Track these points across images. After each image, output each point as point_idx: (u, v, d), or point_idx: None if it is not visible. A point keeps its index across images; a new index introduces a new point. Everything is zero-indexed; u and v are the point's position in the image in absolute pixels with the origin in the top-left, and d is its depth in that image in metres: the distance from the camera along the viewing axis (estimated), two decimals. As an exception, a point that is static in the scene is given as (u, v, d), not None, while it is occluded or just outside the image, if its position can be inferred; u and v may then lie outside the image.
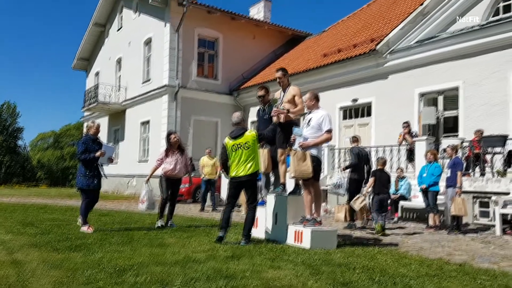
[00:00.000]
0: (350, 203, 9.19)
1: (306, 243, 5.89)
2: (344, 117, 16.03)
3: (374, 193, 8.84)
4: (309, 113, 6.44)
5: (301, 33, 23.63)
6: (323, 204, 11.85)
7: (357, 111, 15.64)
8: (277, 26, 23.07)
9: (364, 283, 4.06)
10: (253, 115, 20.46)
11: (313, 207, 6.26)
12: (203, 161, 13.53)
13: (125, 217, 10.08)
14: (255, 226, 7.03)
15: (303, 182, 6.26)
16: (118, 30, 25.15)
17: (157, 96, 20.32)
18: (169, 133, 8.46)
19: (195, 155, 17.54)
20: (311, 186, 6.17)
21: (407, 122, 12.30)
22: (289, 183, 6.90)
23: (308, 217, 6.17)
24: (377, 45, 14.18)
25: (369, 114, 15.09)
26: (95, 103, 23.57)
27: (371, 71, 14.83)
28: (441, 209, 9.71)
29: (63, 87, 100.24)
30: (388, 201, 9.38)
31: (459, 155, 9.88)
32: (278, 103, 6.74)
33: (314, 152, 6.13)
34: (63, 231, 7.14)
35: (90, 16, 27.16)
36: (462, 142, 11.06)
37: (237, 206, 14.64)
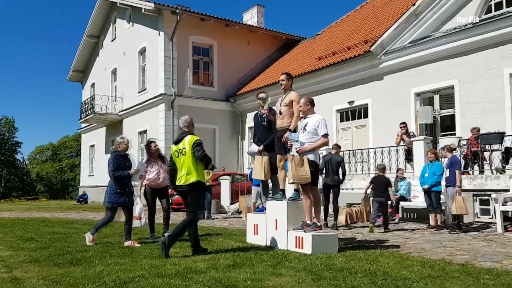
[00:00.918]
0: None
1: (307, 248, 5.86)
2: (341, 120, 16.04)
3: (374, 196, 9.33)
4: (304, 118, 6.44)
5: (295, 37, 23.72)
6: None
7: (354, 113, 15.66)
8: (270, 31, 23.15)
9: (366, 287, 4.03)
10: (250, 120, 20.48)
11: (313, 211, 6.24)
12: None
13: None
14: (255, 232, 7.02)
15: (302, 187, 6.25)
16: (112, 40, 25.19)
17: (153, 105, 20.32)
18: (149, 142, 8.18)
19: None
20: (310, 191, 6.15)
21: (404, 123, 12.31)
22: (287, 188, 6.88)
23: (308, 222, 6.15)
24: (371, 46, 14.23)
25: (366, 116, 15.11)
26: (92, 114, 23.58)
27: (366, 73, 14.86)
28: (442, 208, 9.69)
29: (59, 99, 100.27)
30: (389, 203, 9.65)
31: (456, 153, 9.87)
32: (268, 100, 6.81)
33: (311, 157, 6.12)
34: (63, 245, 7.10)
35: (84, 28, 27.18)
36: (459, 140, 11.06)
37: (238, 212, 14.76)
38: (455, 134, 12.29)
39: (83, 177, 30.11)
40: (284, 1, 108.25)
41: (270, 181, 7.32)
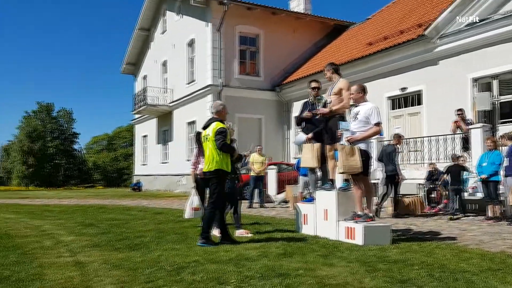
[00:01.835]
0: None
1: (359, 239, 5.78)
2: (393, 107, 15.56)
3: (451, 185, 9.84)
4: (356, 106, 6.30)
5: (344, 22, 23.17)
6: (374, 198, 11.64)
7: (406, 100, 15.13)
8: (318, 17, 22.77)
9: (423, 280, 3.93)
10: (296, 110, 20.21)
11: (365, 202, 6.13)
12: (253, 158, 13.62)
13: (178, 215, 10.34)
14: (304, 222, 7.02)
15: (352, 177, 6.15)
16: (162, 33, 25.80)
17: (201, 96, 20.69)
18: (198, 133, 8.17)
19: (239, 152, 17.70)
20: (361, 181, 6.05)
21: (461, 109, 11.76)
22: (337, 178, 6.80)
23: (359, 213, 6.06)
24: (425, 30, 13.64)
25: (419, 103, 14.56)
26: (144, 106, 24.39)
27: (419, 58, 14.29)
28: (500, 199, 9.23)
29: (113, 92, 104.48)
30: (461, 193, 9.90)
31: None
32: (322, 100, 6.69)
33: (362, 146, 6.00)
34: (121, 230, 7.46)
35: (135, 21, 28.03)
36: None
37: (284, 202, 14.80)
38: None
39: (136, 166, 31.33)
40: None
41: (319, 170, 7.26)
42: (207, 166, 5.93)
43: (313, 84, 7.03)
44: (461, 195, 9.81)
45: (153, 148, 27.34)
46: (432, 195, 11.05)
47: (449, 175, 9.99)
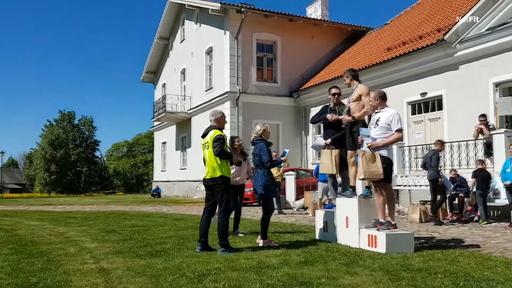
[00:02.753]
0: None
1: (381, 247, 5.72)
2: (413, 112, 15.38)
3: (477, 189, 9.75)
4: (376, 112, 6.25)
5: (362, 28, 23.07)
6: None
7: (427, 105, 14.94)
8: (335, 23, 22.72)
9: (447, 289, 3.88)
10: (316, 115, 20.25)
11: (387, 209, 6.07)
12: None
13: (197, 221, 10.36)
14: (324, 229, 6.98)
15: (374, 184, 6.09)
16: (181, 42, 26.14)
17: (219, 103, 20.83)
18: (233, 138, 8.17)
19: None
20: (382, 188, 6.00)
21: (484, 115, 11.53)
22: (358, 185, 6.75)
23: (381, 220, 6.00)
24: (445, 34, 13.47)
25: (440, 108, 14.36)
26: (164, 113, 24.70)
27: (439, 63, 14.11)
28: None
29: (133, 100, 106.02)
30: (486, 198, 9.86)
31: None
32: (345, 108, 6.63)
33: (384, 152, 5.95)
34: (143, 237, 7.55)
35: (154, 31, 28.49)
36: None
37: (303, 208, 14.73)
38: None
39: (156, 172, 31.67)
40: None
41: (339, 177, 7.22)
42: (210, 173, 6.02)
43: (334, 91, 6.99)
44: (486, 200, 9.68)
45: (172, 154, 27.61)
46: (454, 202, 10.87)
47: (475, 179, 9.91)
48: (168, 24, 27.29)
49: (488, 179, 9.79)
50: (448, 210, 10.75)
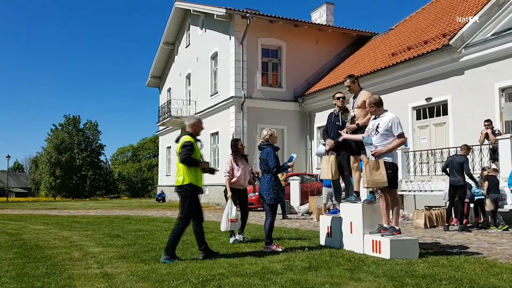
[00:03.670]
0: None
1: (386, 253, 5.69)
2: (418, 117, 15.34)
3: (489, 194, 9.74)
4: (374, 118, 6.17)
5: (367, 33, 23.07)
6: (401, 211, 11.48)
7: (432, 110, 14.89)
8: (340, 29, 22.74)
9: (452, 296, 3.85)
10: (319, 120, 20.27)
11: (391, 215, 6.03)
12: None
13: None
14: (329, 235, 6.96)
15: (379, 189, 6.06)
16: (187, 47, 26.26)
17: (224, 108, 20.89)
18: (236, 140, 7.94)
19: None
20: (387, 193, 5.97)
21: (489, 120, 11.48)
22: (362, 190, 6.73)
23: (385, 225, 5.97)
24: (450, 39, 13.45)
25: (445, 113, 14.30)
26: (169, 118, 24.78)
27: (445, 68, 14.08)
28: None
29: (138, 104, 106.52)
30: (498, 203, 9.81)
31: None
32: (350, 114, 6.58)
33: (388, 159, 5.89)
34: (147, 242, 7.55)
35: (160, 36, 28.66)
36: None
37: (308, 213, 14.70)
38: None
39: (160, 176, 31.72)
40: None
41: (342, 182, 7.21)
42: (180, 181, 5.79)
43: (338, 95, 7.00)
44: (497, 205, 9.67)
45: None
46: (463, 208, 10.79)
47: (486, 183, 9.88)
48: (174, 29, 27.44)
49: (498, 185, 9.81)
50: (453, 215, 10.67)
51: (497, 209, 9.69)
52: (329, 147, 6.78)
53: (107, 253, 6.43)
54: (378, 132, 5.94)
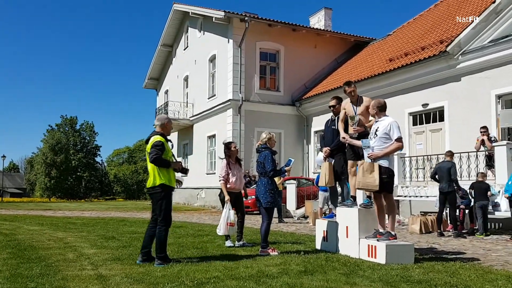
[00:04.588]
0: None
1: (381, 258, 5.69)
2: (414, 123, 15.39)
3: (475, 201, 9.81)
4: (376, 121, 6.21)
5: (364, 38, 23.17)
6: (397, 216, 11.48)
7: (428, 116, 14.95)
8: (338, 34, 22.82)
9: (447, 302, 3.85)
10: (316, 124, 20.31)
11: (387, 220, 6.04)
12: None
13: (198, 229, 10.39)
14: (324, 239, 6.95)
15: (374, 194, 6.07)
16: (185, 49, 26.27)
17: (222, 111, 20.88)
18: (229, 143, 7.77)
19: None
20: (383, 198, 5.97)
21: (485, 127, 11.54)
22: (358, 195, 6.74)
23: (381, 230, 5.98)
24: (447, 46, 13.52)
25: (441, 119, 14.36)
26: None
27: (442, 74, 14.15)
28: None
29: (135, 106, 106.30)
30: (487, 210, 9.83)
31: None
32: (356, 121, 6.53)
33: (384, 163, 5.89)
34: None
35: (158, 38, 28.66)
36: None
37: (304, 217, 14.69)
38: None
39: (156, 179, 31.58)
40: (353, 2, 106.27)
41: (339, 187, 7.23)
42: (151, 182, 5.69)
43: (331, 103, 7.04)
44: (486, 212, 9.63)
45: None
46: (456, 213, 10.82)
47: (472, 191, 9.90)
48: (172, 31, 27.44)
49: (486, 192, 9.74)
50: (449, 221, 10.70)
51: (486, 216, 9.66)
52: (325, 154, 6.81)
53: (101, 254, 6.39)
54: (376, 136, 5.97)
